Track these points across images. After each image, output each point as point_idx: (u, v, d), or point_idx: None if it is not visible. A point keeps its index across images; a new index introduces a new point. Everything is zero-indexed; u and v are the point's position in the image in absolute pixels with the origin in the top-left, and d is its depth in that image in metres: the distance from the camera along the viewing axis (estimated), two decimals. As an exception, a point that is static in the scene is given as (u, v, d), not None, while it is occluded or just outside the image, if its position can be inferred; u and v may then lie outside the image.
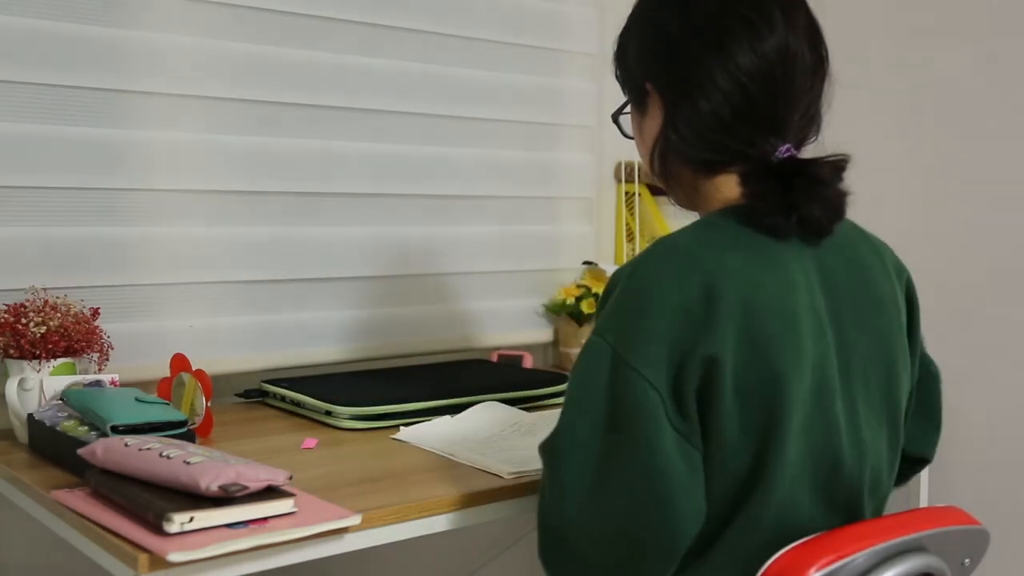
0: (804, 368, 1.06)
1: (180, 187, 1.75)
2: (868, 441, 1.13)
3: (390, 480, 1.29)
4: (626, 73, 1.24)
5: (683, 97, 1.13)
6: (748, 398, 1.03)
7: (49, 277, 1.60)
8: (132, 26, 1.69)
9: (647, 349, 1.03)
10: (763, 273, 1.06)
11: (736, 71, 1.10)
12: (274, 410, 1.74)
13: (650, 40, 1.18)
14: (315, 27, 1.88)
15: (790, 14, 1.12)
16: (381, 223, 1.98)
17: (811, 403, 1.07)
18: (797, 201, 1.07)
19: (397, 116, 1.99)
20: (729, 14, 1.11)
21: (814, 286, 1.10)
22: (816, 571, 1.00)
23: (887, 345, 1.16)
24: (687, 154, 1.15)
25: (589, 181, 2.28)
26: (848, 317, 1.13)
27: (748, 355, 1.03)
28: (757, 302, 1.04)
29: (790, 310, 1.06)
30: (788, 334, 1.05)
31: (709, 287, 1.03)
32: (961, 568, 1.15)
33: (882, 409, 1.15)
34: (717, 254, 1.06)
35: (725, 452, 1.05)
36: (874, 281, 1.17)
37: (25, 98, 1.60)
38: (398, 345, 2.00)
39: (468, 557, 2.18)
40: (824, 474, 1.09)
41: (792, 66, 1.11)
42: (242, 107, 1.81)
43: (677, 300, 1.03)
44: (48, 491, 1.21)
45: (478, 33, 2.08)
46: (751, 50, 1.10)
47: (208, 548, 1.00)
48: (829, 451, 1.09)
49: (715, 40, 1.11)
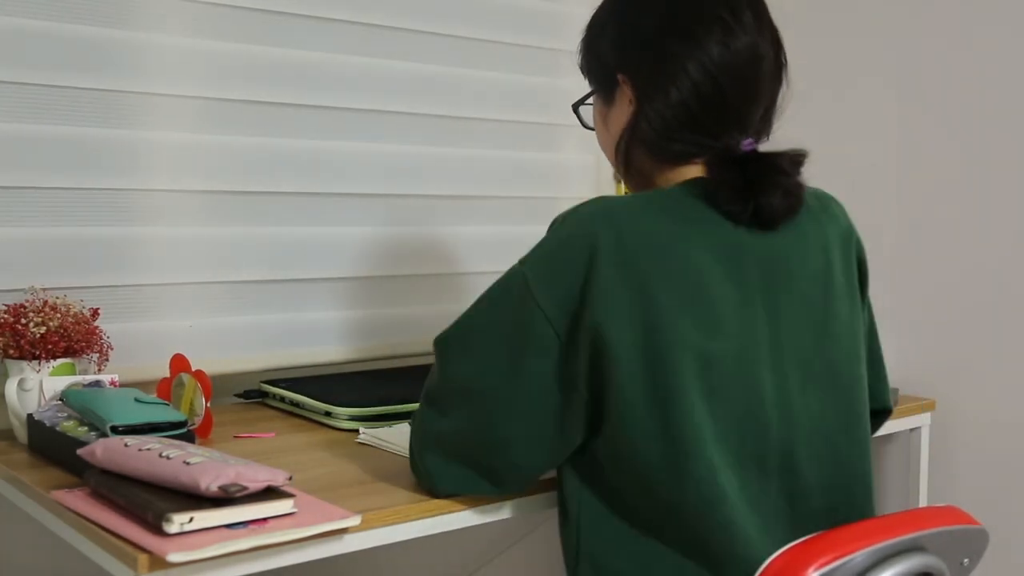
0: (716, 334, 1.10)
1: (180, 187, 1.75)
2: (800, 407, 1.15)
3: (390, 480, 1.29)
4: (596, 63, 1.27)
5: (657, 87, 1.17)
6: (644, 362, 1.08)
7: (49, 277, 1.60)
8: (132, 26, 1.69)
9: (552, 291, 1.11)
10: (682, 241, 1.11)
11: (709, 64, 1.15)
12: (274, 410, 1.74)
13: (628, 31, 1.22)
14: (315, 27, 1.88)
15: (759, 18, 1.19)
16: (381, 223, 1.98)
17: (728, 370, 1.10)
18: (757, 190, 1.12)
19: (397, 116, 1.99)
20: (704, 12, 1.17)
21: (744, 257, 1.14)
22: (815, 570, 1.00)
23: (827, 314, 1.18)
24: (656, 144, 1.19)
25: (589, 182, 2.28)
26: (782, 288, 1.15)
27: (643, 320, 1.08)
28: (662, 264, 1.09)
29: (700, 278, 1.10)
30: (692, 300, 1.09)
31: (616, 247, 1.09)
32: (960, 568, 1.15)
33: (824, 375, 1.18)
34: (637, 215, 1.11)
35: (629, 414, 1.09)
36: (813, 251, 1.19)
37: (25, 98, 1.60)
38: (398, 345, 2.00)
39: (468, 557, 2.18)
40: (751, 439, 1.12)
41: (759, 66, 1.18)
42: (242, 107, 1.81)
43: (585, 254, 1.09)
44: (48, 491, 1.21)
45: (477, 33, 2.08)
46: (724, 45, 1.15)
47: (208, 548, 1.00)
48: (751, 417, 1.12)
49: (690, 33, 1.16)
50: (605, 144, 1.30)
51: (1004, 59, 1.89)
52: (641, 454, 1.10)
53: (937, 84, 1.99)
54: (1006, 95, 1.90)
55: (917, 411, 1.94)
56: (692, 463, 1.08)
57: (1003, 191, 1.90)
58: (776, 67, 1.21)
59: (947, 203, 1.98)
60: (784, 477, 1.15)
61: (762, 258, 1.15)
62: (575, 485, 1.18)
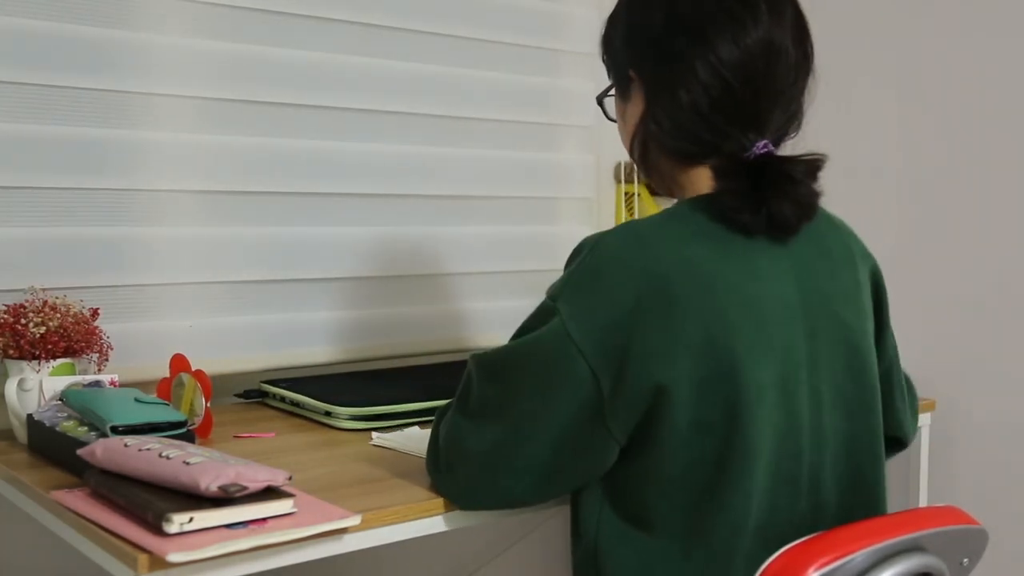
0: (768, 356, 1.08)
1: (180, 187, 1.75)
2: (830, 428, 1.14)
3: (390, 480, 1.29)
4: (611, 58, 1.25)
5: (664, 87, 1.14)
6: (705, 388, 1.05)
7: (49, 277, 1.60)
8: (132, 26, 1.69)
9: (591, 327, 1.05)
10: (724, 262, 1.08)
11: (717, 63, 1.10)
12: (274, 410, 1.74)
13: (636, 28, 1.19)
14: (314, 27, 1.88)
15: (776, 8, 1.13)
16: (381, 223, 1.98)
17: (776, 391, 1.08)
18: (767, 198, 1.08)
19: (396, 116, 1.99)
20: (714, 5, 1.12)
21: (782, 276, 1.11)
22: (815, 571, 1.00)
23: (856, 333, 1.17)
24: (666, 144, 1.16)
25: (589, 181, 2.28)
26: (817, 307, 1.13)
27: (704, 343, 1.05)
28: (715, 289, 1.06)
29: (751, 298, 1.08)
30: (748, 321, 1.07)
31: (663, 278, 1.05)
32: (960, 568, 1.15)
33: (853, 396, 1.16)
34: (677, 244, 1.08)
35: (676, 442, 1.06)
36: (842, 270, 1.18)
37: (25, 98, 1.60)
38: (398, 345, 2.00)
39: (468, 557, 2.18)
40: (787, 461, 1.10)
41: (775, 60, 1.11)
42: (242, 107, 1.81)
43: (630, 289, 1.05)
44: (48, 491, 1.21)
45: (477, 33, 2.08)
46: (733, 42, 1.10)
47: (208, 548, 1.00)
48: (791, 439, 1.10)
49: (698, 31, 1.11)
50: (624, 139, 1.26)
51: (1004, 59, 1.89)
52: (689, 479, 1.08)
53: (937, 84, 1.99)
54: (1006, 95, 1.89)
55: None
56: (734, 490, 1.07)
57: (1003, 191, 1.90)
58: (800, 58, 1.14)
59: (947, 203, 1.97)
60: (812, 497, 1.14)
61: (798, 276, 1.13)
62: (594, 506, 1.16)
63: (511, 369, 1.13)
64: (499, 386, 1.13)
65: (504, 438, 1.12)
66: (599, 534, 1.14)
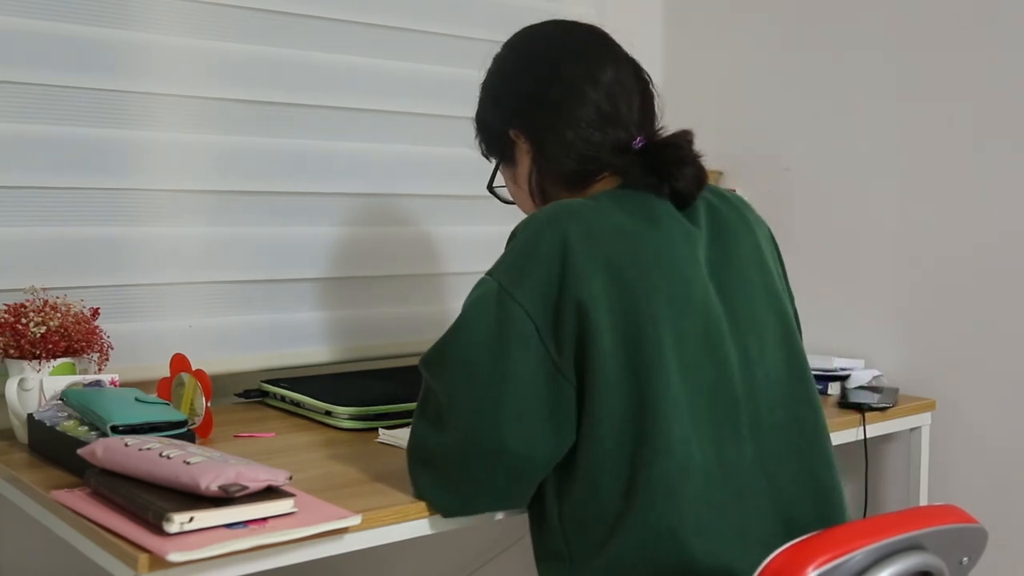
0: (687, 312, 1.17)
1: (179, 187, 1.75)
2: (762, 376, 1.22)
3: (390, 480, 1.30)
4: (488, 135, 1.39)
5: (553, 118, 1.28)
6: (624, 338, 1.14)
7: (49, 277, 1.60)
8: (132, 26, 1.69)
9: (528, 287, 1.15)
10: (643, 229, 1.19)
11: (603, 80, 1.27)
12: (274, 410, 1.74)
13: (502, 93, 1.36)
14: (314, 27, 1.88)
15: (616, 49, 1.32)
16: (381, 223, 1.98)
17: (698, 344, 1.17)
18: (666, 173, 1.22)
19: (396, 116, 1.99)
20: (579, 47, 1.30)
21: (695, 242, 1.22)
22: (814, 570, 1.00)
23: (768, 287, 1.27)
24: (561, 172, 1.29)
25: (588, 181, 2.27)
26: (728, 267, 1.24)
27: (620, 299, 1.14)
28: (633, 251, 1.17)
29: (669, 260, 1.18)
30: (664, 280, 1.17)
31: (586, 236, 1.16)
32: (959, 567, 1.15)
33: (780, 344, 1.26)
34: (601, 211, 1.19)
35: (609, 390, 1.13)
36: (743, 234, 1.28)
37: (25, 98, 1.60)
38: (398, 345, 2.00)
39: (468, 557, 2.18)
40: (723, 409, 1.18)
41: (641, 76, 1.31)
42: (241, 107, 1.81)
43: (557, 247, 1.15)
44: (48, 491, 1.21)
45: (477, 33, 2.08)
46: (612, 62, 1.29)
47: (208, 548, 1.00)
48: (722, 388, 1.18)
49: (580, 56, 1.29)
50: (523, 201, 1.39)
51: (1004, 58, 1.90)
52: (618, 430, 1.13)
53: (937, 84, 1.99)
54: (1006, 94, 1.90)
55: (917, 411, 1.94)
56: (669, 435, 1.12)
57: (1003, 191, 1.90)
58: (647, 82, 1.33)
59: (947, 203, 1.98)
60: (755, 439, 1.20)
61: (708, 244, 1.23)
62: (553, 485, 1.19)
63: (459, 345, 1.18)
64: (450, 371, 1.19)
65: (469, 428, 1.16)
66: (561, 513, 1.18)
